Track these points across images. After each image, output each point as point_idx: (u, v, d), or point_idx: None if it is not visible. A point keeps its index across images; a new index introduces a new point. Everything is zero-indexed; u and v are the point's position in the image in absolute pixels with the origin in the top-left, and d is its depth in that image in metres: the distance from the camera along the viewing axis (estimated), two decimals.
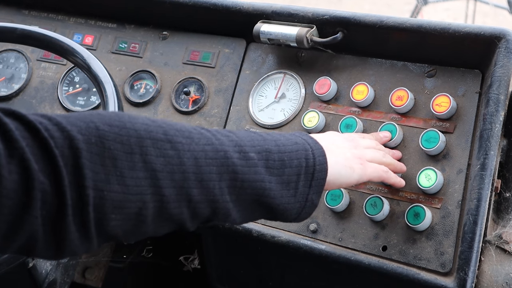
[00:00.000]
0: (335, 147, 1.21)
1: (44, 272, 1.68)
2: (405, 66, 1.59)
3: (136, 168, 0.91)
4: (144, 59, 1.88)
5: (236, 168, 1.01)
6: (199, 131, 1.01)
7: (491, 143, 1.39)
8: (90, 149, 0.87)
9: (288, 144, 1.10)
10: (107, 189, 0.89)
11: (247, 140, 1.05)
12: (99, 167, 0.88)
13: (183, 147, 0.96)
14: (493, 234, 1.42)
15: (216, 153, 1.00)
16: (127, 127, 0.92)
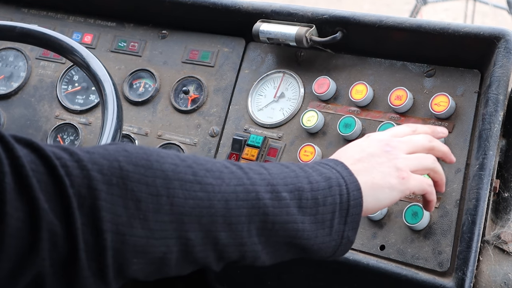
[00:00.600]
0: (370, 166, 1.10)
1: None
2: (404, 66, 1.59)
3: (162, 211, 0.87)
4: (143, 58, 1.88)
5: (267, 209, 0.96)
6: (231, 170, 0.96)
7: (490, 143, 1.39)
8: (110, 190, 0.83)
9: (321, 181, 1.03)
10: (129, 233, 0.84)
11: (279, 178, 1.00)
12: (121, 210, 0.83)
13: (213, 188, 0.92)
14: (492, 234, 1.42)
15: (247, 195, 0.95)
16: (154, 167, 0.87)
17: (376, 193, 1.08)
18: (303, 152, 1.58)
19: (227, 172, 0.96)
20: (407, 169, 1.13)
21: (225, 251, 0.95)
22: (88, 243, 0.82)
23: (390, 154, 1.14)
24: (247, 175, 0.97)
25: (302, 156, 1.58)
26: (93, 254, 0.83)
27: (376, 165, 1.11)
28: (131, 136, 1.79)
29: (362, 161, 1.11)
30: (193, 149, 1.73)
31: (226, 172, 0.95)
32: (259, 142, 1.64)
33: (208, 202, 0.91)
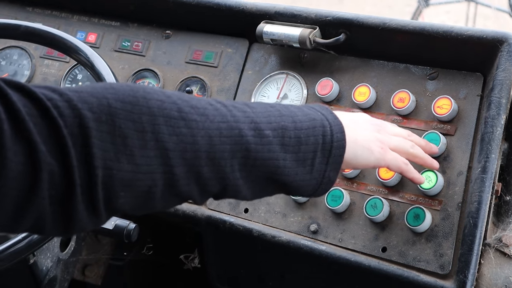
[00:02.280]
0: (356, 126, 1.18)
1: (45, 269, 1.68)
2: (407, 68, 1.60)
3: (148, 147, 0.90)
4: (147, 57, 1.88)
5: (249, 146, 0.99)
6: (215, 107, 0.99)
7: (492, 146, 1.39)
8: (100, 127, 0.86)
9: (305, 121, 1.07)
10: (116, 167, 0.88)
11: (263, 116, 1.03)
12: (109, 146, 0.87)
13: (197, 125, 0.95)
14: (493, 237, 1.42)
15: (230, 131, 0.98)
16: (140, 104, 0.90)
17: (356, 150, 1.14)
18: None
19: (211, 109, 0.98)
20: (387, 145, 1.23)
21: (208, 185, 0.98)
22: (82, 179, 0.85)
23: (376, 126, 1.24)
24: (231, 113, 1.00)
25: None
26: (86, 189, 0.86)
27: (362, 129, 1.19)
28: None
29: (349, 120, 1.17)
30: None
31: (210, 109, 0.98)
32: None
33: (191, 138, 0.94)
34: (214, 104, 1.00)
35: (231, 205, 1.65)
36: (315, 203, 1.57)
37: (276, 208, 1.60)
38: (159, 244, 2.17)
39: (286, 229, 1.58)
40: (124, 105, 0.89)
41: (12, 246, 1.20)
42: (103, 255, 2.10)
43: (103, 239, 2.07)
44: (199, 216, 1.67)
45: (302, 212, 1.57)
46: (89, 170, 0.86)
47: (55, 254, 1.70)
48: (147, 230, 2.10)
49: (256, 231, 1.59)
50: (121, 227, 1.44)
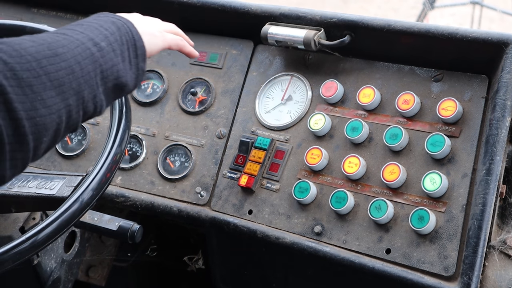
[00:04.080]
0: (138, 19, 1.34)
1: (49, 270, 1.68)
2: (412, 70, 1.60)
3: (48, 87, 0.98)
4: (151, 59, 1.88)
5: (99, 60, 1.09)
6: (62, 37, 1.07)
7: (497, 149, 1.39)
8: (10, 83, 0.92)
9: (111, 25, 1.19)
10: (37, 115, 0.94)
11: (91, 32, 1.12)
12: (23, 97, 0.93)
13: (66, 56, 1.03)
14: (498, 239, 1.42)
15: (85, 52, 1.07)
16: (23, 54, 0.96)
17: (148, 38, 1.28)
18: (310, 154, 1.59)
19: (61, 39, 1.06)
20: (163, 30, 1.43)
21: (88, 107, 1.07)
22: (10, 135, 0.91)
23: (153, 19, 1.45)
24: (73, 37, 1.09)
25: (309, 159, 1.58)
26: (16, 144, 0.92)
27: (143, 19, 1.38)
28: (138, 136, 1.79)
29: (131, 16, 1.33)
30: (200, 150, 1.74)
31: (61, 40, 1.06)
32: (266, 144, 1.65)
33: (70, 69, 1.03)
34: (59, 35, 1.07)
35: (235, 207, 1.65)
36: (319, 204, 1.57)
37: (280, 210, 1.60)
38: (163, 246, 2.17)
39: (290, 231, 1.58)
40: (15, 59, 0.95)
41: (16, 246, 1.20)
42: (107, 256, 2.10)
43: (107, 240, 2.07)
44: (203, 218, 1.67)
45: (306, 213, 1.57)
46: (15, 125, 0.91)
47: (59, 255, 1.70)
48: (151, 231, 2.11)
49: (260, 232, 1.59)
50: (125, 229, 1.44)
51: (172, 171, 1.76)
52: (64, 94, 1.00)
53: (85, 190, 1.20)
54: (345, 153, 1.58)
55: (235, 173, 1.68)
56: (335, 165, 1.59)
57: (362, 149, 1.57)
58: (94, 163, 1.25)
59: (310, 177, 1.60)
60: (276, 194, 1.62)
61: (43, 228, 1.16)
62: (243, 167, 1.66)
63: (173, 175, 1.75)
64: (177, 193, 1.73)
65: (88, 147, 1.84)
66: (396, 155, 1.53)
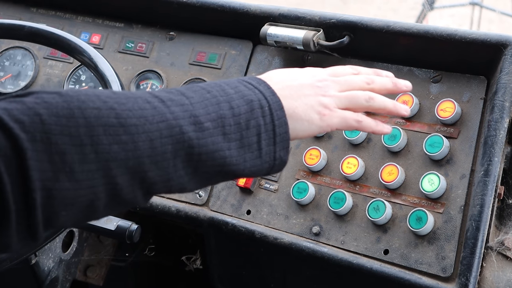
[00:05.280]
0: (296, 95, 1.09)
1: (47, 269, 1.68)
2: (411, 71, 1.60)
3: (87, 160, 0.85)
4: (150, 59, 1.88)
5: (192, 142, 0.94)
6: (153, 105, 0.93)
7: (495, 150, 1.39)
8: (35, 147, 0.80)
9: (243, 105, 1.01)
10: (55, 187, 0.82)
11: (201, 108, 0.98)
12: (47, 165, 0.81)
13: (137, 129, 0.90)
14: (495, 241, 1.42)
15: (171, 130, 0.93)
16: (76, 116, 0.85)
17: (294, 123, 1.07)
18: (309, 155, 1.59)
19: (149, 108, 0.93)
20: (333, 106, 1.11)
21: (153, 188, 0.94)
22: (18, 203, 0.80)
23: (320, 89, 1.12)
24: (169, 109, 0.94)
25: (308, 160, 1.58)
26: (23, 213, 0.81)
27: (302, 96, 1.09)
28: None
29: (290, 89, 1.09)
30: None
31: (148, 109, 0.93)
32: None
33: (133, 144, 0.89)
34: (151, 101, 0.94)
35: (233, 207, 1.65)
36: (318, 205, 1.57)
37: (278, 210, 1.60)
38: (161, 245, 2.17)
39: (288, 231, 1.58)
40: (59, 120, 0.83)
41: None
42: (105, 256, 2.10)
43: (105, 240, 2.07)
44: (201, 218, 1.67)
45: (305, 214, 1.57)
46: (26, 194, 0.80)
47: (57, 254, 1.70)
48: (149, 231, 2.11)
49: (258, 232, 1.59)
50: (123, 228, 1.44)
51: None
52: (110, 171, 0.86)
53: None
54: (343, 154, 1.58)
55: None
56: (333, 166, 1.59)
57: (360, 150, 1.57)
58: None
59: (309, 177, 1.60)
60: (274, 195, 1.62)
61: None
62: None
63: None
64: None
65: None
66: (395, 156, 1.53)
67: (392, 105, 1.18)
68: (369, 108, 1.16)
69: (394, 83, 1.22)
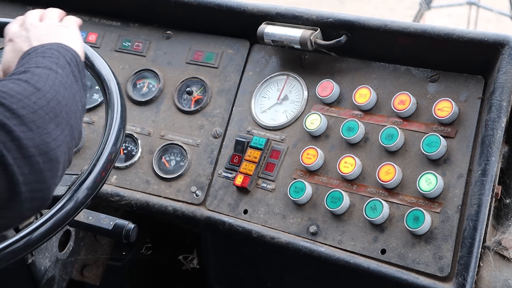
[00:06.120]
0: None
1: (43, 269, 1.68)
2: (408, 71, 1.59)
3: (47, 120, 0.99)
4: (147, 58, 1.88)
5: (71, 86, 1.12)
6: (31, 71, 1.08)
7: (492, 149, 1.39)
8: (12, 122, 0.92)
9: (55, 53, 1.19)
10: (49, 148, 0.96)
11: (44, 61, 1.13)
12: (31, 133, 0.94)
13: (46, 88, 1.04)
14: (493, 240, 1.42)
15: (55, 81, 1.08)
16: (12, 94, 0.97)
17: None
18: (306, 154, 1.59)
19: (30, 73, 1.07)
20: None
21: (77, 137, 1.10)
22: (25, 174, 0.91)
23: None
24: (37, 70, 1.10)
25: (305, 159, 1.58)
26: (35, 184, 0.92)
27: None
28: (134, 135, 1.79)
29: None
30: (196, 149, 1.73)
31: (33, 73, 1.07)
32: (262, 144, 1.64)
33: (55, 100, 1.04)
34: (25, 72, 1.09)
35: (230, 206, 1.65)
36: (315, 204, 1.56)
37: (275, 210, 1.60)
38: (158, 245, 2.16)
39: (286, 231, 1.58)
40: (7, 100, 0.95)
41: (10, 245, 1.19)
42: (101, 255, 2.09)
43: (102, 239, 2.07)
44: (198, 217, 1.67)
45: (302, 213, 1.57)
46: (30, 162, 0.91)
47: (53, 254, 1.69)
48: (146, 230, 2.10)
49: (255, 232, 1.59)
50: (120, 228, 1.44)
51: (167, 170, 1.76)
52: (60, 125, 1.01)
53: (80, 189, 1.20)
54: (340, 153, 1.57)
55: (231, 172, 1.68)
56: (330, 165, 1.59)
57: (357, 149, 1.57)
58: (89, 162, 1.24)
59: (306, 177, 1.60)
60: (271, 194, 1.62)
61: (38, 227, 1.15)
62: (238, 166, 1.66)
63: (168, 174, 1.75)
64: (172, 192, 1.73)
65: (83, 146, 1.83)
66: (392, 155, 1.53)
67: None
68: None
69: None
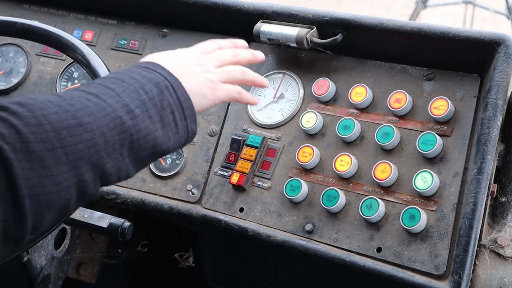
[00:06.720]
0: (187, 73, 1.18)
1: (39, 267, 1.68)
2: (404, 69, 1.60)
3: (61, 162, 0.91)
4: (143, 56, 1.87)
5: (131, 130, 1.01)
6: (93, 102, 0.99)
7: (488, 148, 1.39)
8: (18, 156, 0.85)
9: (153, 88, 1.08)
10: (42, 192, 0.88)
11: (127, 97, 1.04)
12: (31, 173, 0.86)
13: (91, 127, 0.96)
14: (488, 238, 1.42)
15: (114, 122, 0.99)
16: (42, 123, 0.90)
17: (192, 98, 1.14)
18: (302, 153, 1.59)
19: (92, 105, 0.99)
20: (218, 81, 1.23)
21: (109, 179, 1.00)
22: (7, 212, 0.84)
23: (203, 67, 1.22)
24: (106, 103, 1.01)
25: (301, 157, 1.58)
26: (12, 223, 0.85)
27: (192, 74, 1.18)
28: None
29: (180, 68, 1.17)
30: (192, 148, 1.73)
31: (92, 106, 0.98)
32: (257, 142, 1.64)
33: (92, 141, 0.95)
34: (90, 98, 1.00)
35: (226, 205, 1.65)
36: (311, 203, 1.56)
37: (271, 208, 1.60)
38: (154, 243, 2.16)
39: (281, 229, 1.58)
40: (31, 129, 0.89)
41: None
42: (97, 253, 2.09)
43: (98, 237, 2.07)
44: (194, 215, 1.67)
45: (298, 211, 1.57)
46: (14, 202, 0.85)
47: (49, 252, 1.69)
48: (142, 228, 2.10)
49: (251, 230, 1.59)
50: (116, 226, 1.44)
51: (163, 168, 1.76)
52: (79, 169, 0.93)
53: None
54: (336, 152, 1.57)
55: (227, 171, 1.68)
56: (326, 164, 1.59)
57: (353, 148, 1.57)
58: None
59: (302, 175, 1.60)
60: (267, 192, 1.62)
61: None
62: (234, 165, 1.66)
63: (164, 172, 1.75)
64: (168, 190, 1.72)
65: None
66: (388, 153, 1.53)
67: (258, 77, 1.33)
68: (243, 81, 1.30)
69: (252, 55, 1.35)
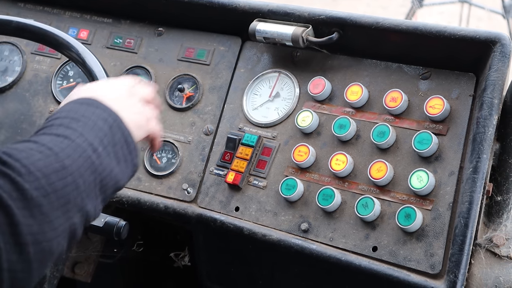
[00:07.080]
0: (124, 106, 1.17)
1: None
2: (400, 68, 1.59)
3: (55, 207, 0.91)
4: (139, 54, 1.87)
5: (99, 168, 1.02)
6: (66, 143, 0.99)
7: (484, 147, 1.39)
8: (17, 205, 0.86)
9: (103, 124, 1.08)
10: (45, 239, 0.88)
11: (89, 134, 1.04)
12: (31, 220, 0.87)
13: (72, 169, 0.96)
14: (484, 238, 1.42)
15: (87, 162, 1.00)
16: (32, 170, 0.90)
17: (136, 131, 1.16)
18: (297, 152, 1.58)
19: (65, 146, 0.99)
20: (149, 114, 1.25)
21: (88, 221, 1.00)
22: (12, 261, 0.84)
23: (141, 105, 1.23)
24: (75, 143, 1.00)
25: (297, 156, 1.58)
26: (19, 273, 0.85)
27: (128, 107, 1.18)
28: None
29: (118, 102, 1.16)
30: (187, 147, 1.73)
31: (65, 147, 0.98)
32: (253, 141, 1.64)
33: (75, 184, 0.96)
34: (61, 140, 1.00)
35: (222, 204, 1.64)
36: (306, 202, 1.56)
37: (267, 207, 1.60)
38: (149, 242, 2.16)
39: (277, 228, 1.57)
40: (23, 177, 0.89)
41: None
42: (93, 253, 2.09)
43: (93, 236, 2.06)
44: (190, 214, 1.67)
45: (293, 211, 1.57)
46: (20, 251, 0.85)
47: None
48: (137, 227, 2.09)
49: (246, 229, 1.59)
50: (111, 225, 1.43)
51: (159, 167, 1.75)
52: (69, 212, 0.94)
53: None
54: (332, 151, 1.57)
55: (222, 170, 1.67)
56: (322, 162, 1.58)
57: (349, 147, 1.57)
58: None
59: (297, 174, 1.60)
60: (263, 191, 1.62)
61: None
62: (230, 164, 1.66)
63: (160, 171, 1.74)
64: (163, 189, 1.72)
65: None
66: (383, 152, 1.53)
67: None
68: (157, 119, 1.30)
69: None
